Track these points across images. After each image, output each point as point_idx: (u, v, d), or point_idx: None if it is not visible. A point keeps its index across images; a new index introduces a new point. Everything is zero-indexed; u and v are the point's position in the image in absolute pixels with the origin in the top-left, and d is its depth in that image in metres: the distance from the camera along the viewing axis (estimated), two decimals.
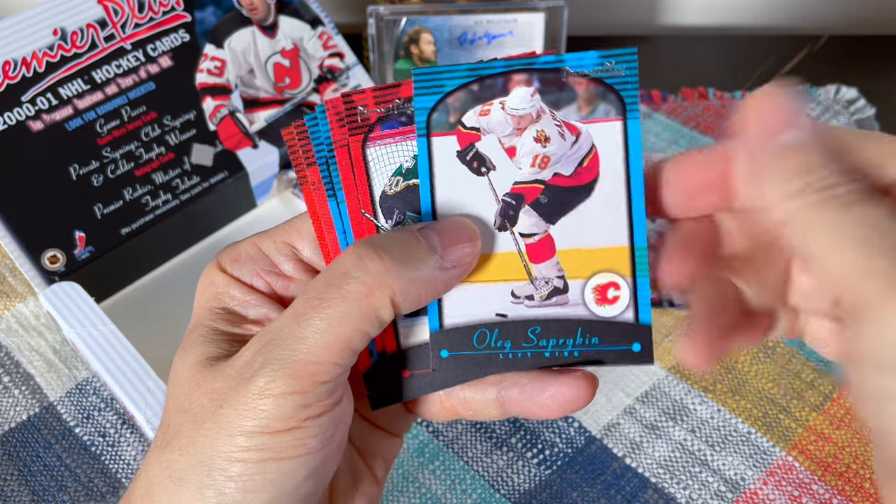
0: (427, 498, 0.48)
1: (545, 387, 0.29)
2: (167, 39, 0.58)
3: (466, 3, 0.66)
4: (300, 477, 0.27)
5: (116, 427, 0.51)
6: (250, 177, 0.59)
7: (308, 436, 0.27)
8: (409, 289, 0.27)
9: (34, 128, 0.53)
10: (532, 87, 0.29)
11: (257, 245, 0.31)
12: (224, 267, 0.31)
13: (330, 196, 0.30)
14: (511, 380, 0.30)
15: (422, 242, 0.28)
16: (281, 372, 0.26)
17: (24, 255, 0.51)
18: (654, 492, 0.48)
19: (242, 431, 0.26)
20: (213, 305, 0.30)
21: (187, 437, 0.27)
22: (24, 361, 0.55)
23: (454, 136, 0.29)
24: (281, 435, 0.26)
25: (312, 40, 0.62)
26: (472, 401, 0.31)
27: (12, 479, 0.49)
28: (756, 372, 0.53)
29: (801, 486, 0.48)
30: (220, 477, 0.26)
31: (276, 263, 0.31)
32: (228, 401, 0.27)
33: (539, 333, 0.29)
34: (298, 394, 0.26)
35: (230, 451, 0.26)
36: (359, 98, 0.29)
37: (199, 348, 0.29)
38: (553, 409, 0.29)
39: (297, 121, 0.30)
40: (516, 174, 0.29)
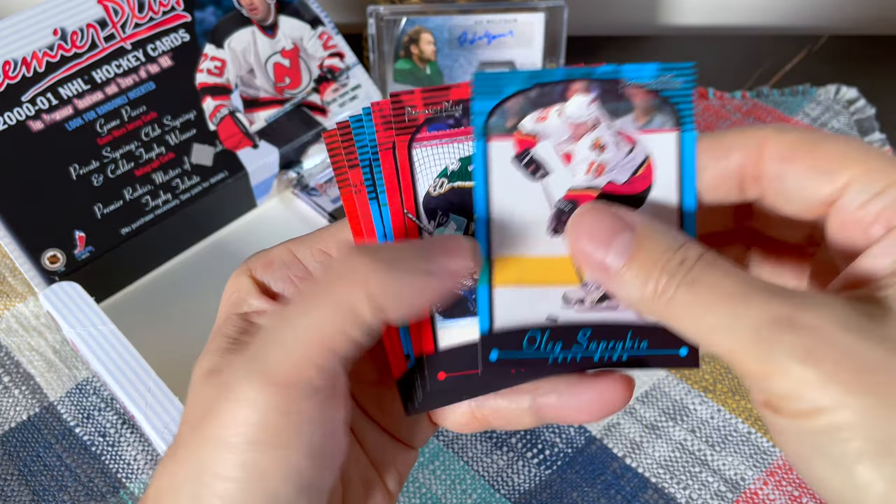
0: (427, 498, 0.48)
1: (583, 391, 0.29)
2: (167, 39, 0.58)
3: (466, 3, 0.66)
4: (290, 493, 0.26)
5: (116, 427, 0.51)
6: (250, 177, 0.59)
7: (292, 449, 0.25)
8: (390, 289, 0.26)
9: (34, 128, 0.53)
10: (591, 96, 0.29)
11: (291, 251, 0.30)
12: (254, 272, 0.30)
13: (372, 199, 0.30)
14: (548, 386, 0.30)
15: (413, 249, 0.27)
16: (257, 376, 0.25)
17: (24, 255, 0.51)
18: (654, 492, 0.48)
19: (225, 444, 0.25)
20: (233, 311, 0.30)
21: (185, 449, 0.27)
22: (24, 361, 0.55)
23: (511, 141, 0.29)
24: (263, 448, 0.25)
25: (312, 40, 0.62)
26: (504, 410, 0.30)
27: (12, 479, 0.49)
28: None
29: (801, 486, 0.48)
30: (209, 495, 0.26)
31: (311, 270, 0.30)
32: (212, 411, 0.26)
33: (589, 336, 0.29)
34: (275, 397, 0.25)
35: (215, 468, 0.26)
36: (407, 98, 0.29)
37: (210, 358, 0.28)
38: (592, 413, 0.29)
39: (341, 122, 0.30)
40: (571, 180, 0.29)
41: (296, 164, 0.62)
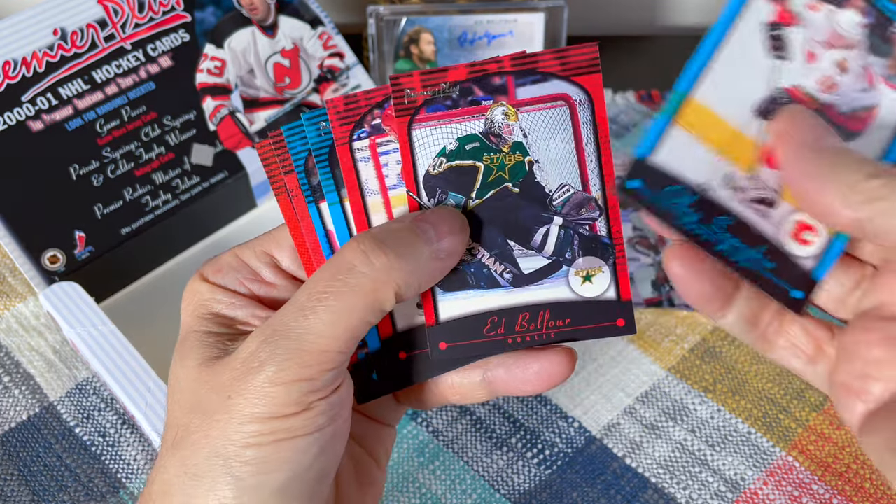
0: (427, 498, 0.48)
1: (529, 364, 0.31)
2: (167, 39, 0.58)
3: (466, 3, 0.66)
4: (312, 454, 0.28)
5: (116, 427, 0.51)
6: (250, 177, 0.59)
7: (317, 414, 0.28)
8: (411, 280, 0.28)
9: (34, 128, 0.53)
10: (863, 19, 0.28)
11: (238, 256, 0.33)
12: (207, 277, 0.32)
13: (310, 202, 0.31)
14: (496, 361, 0.32)
15: (419, 235, 0.29)
16: (290, 361, 0.27)
17: (24, 255, 0.51)
18: (654, 492, 0.48)
19: (253, 418, 0.27)
20: (201, 312, 0.32)
21: (199, 432, 0.28)
22: (24, 361, 0.55)
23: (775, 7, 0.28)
24: (291, 418, 0.27)
25: (312, 40, 0.62)
26: (458, 385, 0.33)
27: (12, 479, 0.49)
28: (756, 372, 0.53)
29: (801, 486, 0.48)
30: (236, 463, 0.27)
31: (257, 271, 0.32)
32: (237, 390, 0.28)
33: (727, 227, 0.28)
34: (306, 381, 0.27)
35: (243, 438, 0.27)
36: (406, 81, 0.30)
37: (197, 352, 0.30)
38: (539, 384, 0.31)
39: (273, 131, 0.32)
40: (801, 78, 0.28)
41: None
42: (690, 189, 0.28)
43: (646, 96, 0.72)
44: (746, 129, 0.28)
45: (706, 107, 0.28)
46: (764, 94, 0.28)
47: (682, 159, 0.28)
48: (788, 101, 0.28)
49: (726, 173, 0.28)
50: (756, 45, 0.28)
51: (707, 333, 0.55)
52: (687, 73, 0.28)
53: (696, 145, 0.28)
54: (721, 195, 0.28)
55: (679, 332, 0.55)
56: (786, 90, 0.28)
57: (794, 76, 0.28)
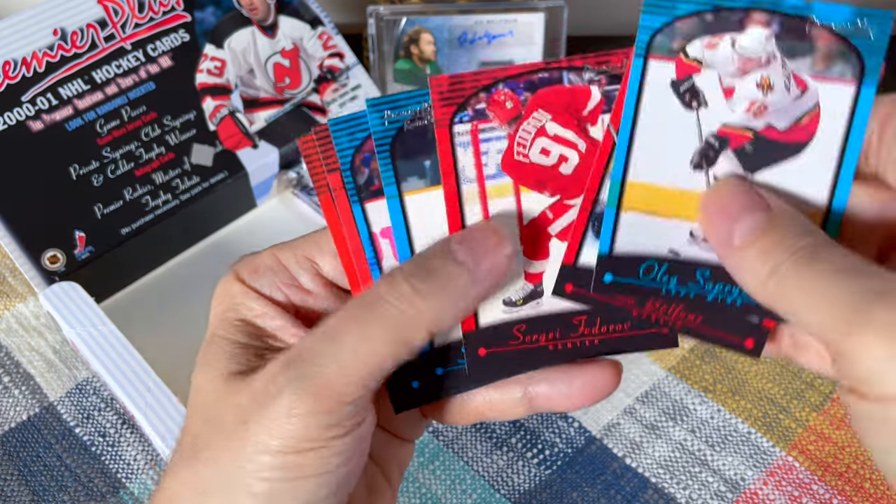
0: (427, 498, 0.48)
1: (573, 378, 0.30)
2: (167, 39, 0.58)
3: (466, 3, 0.66)
4: (323, 494, 0.27)
5: (116, 427, 0.51)
6: (250, 177, 0.59)
7: (332, 454, 0.26)
8: (445, 315, 0.27)
9: (34, 128, 0.53)
10: (769, 31, 0.27)
11: (277, 257, 0.31)
12: (242, 277, 0.31)
13: (354, 202, 0.30)
14: (539, 376, 0.30)
15: (453, 263, 0.27)
16: (307, 391, 0.26)
17: (24, 255, 0.51)
18: (654, 492, 0.48)
19: (268, 450, 0.26)
20: (231, 316, 0.30)
21: (212, 451, 0.27)
22: (24, 361, 0.55)
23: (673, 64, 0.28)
24: (305, 454, 0.26)
25: (312, 40, 0.62)
26: (497, 402, 0.31)
27: (12, 479, 0.49)
28: (756, 372, 0.53)
29: (801, 486, 0.48)
30: (243, 495, 0.26)
31: (296, 276, 0.31)
32: (254, 417, 0.26)
33: (708, 277, 0.28)
34: (324, 413, 0.26)
35: (255, 470, 0.26)
36: None
37: (221, 362, 0.29)
38: (584, 399, 0.30)
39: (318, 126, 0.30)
40: (727, 116, 0.28)
41: (296, 164, 0.62)
42: (660, 259, 0.28)
43: None
44: (692, 184, 0.28)
45: (645, 183, 0.28)
46: (697, 146, 0.28)
47: (642, 238, 0.28)
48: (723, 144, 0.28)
49: (689, 231, 0.28)
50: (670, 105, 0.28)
51: None
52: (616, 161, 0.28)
53: (648, 220, 0.28)
54: (691, 252, 0.28)
55: None
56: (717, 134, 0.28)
57: (719, 117, 0.28)
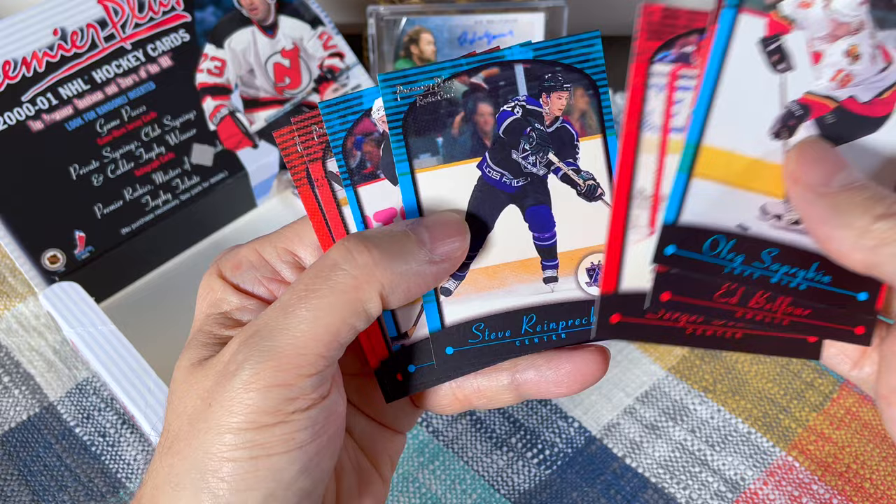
0: (427, 498, 0.48)
1: (561, 364, 0.30)
2: (167, 39, 0.58)
3: (466, 3, 0.66)
4: (293, 472, 0.27)
5: (116, 427, 0.51)
6: (250, 177, 0.59)
7: (296, 429, 0.26)
8: (398, 282, 0.27)
9: (34, 128, 0.53)
10: None
11: (258, 251, 0.31)
12: (224, 274, 0.31)
13: (346, 186, 0.29)
14: (526, 363, 0.30)
15: (411, 237, 0.28)
16: (265, 364, 0.26)
17: (24, 255, 0.51)
18: (654, 492, 0.48)
19: (230, 429, 0.26)
20: (212, 311, 0.30)
21: (184, 441, 0.27)
22: (24, 361, 0.55)
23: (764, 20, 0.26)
24: (268, 429, 0.26)
25: (312, 40, 0.62)
26: (485, 388, 0.31)
27: (12, 479, 0.49)
28: (756, 372, 0.53)
29: (801, 486, 0.48)
30: (213, 479, 0.26)
31: (278, 270, 0.31)
32: (216, 397, 0.26)
33: (775, 256, 0.27)
34: (283, 386, 0.26)
35: (220, 451, 0.26)
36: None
37: (193, 352, 0.29)
38: (571, 385, 0.30)
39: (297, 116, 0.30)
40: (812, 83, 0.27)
41: None
42: (728, 234, 0.27)
43: None
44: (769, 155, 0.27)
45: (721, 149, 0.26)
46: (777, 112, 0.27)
47: (712, 209, 0.27)
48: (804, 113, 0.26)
49: (760, 206, 0.27)
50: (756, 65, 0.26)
51: None
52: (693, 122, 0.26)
53: (721, 190, 0.27)
54: (760, 229, 0.27)
55: None
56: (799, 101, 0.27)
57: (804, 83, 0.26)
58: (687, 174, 0.26)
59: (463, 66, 0.29)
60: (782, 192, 0.27)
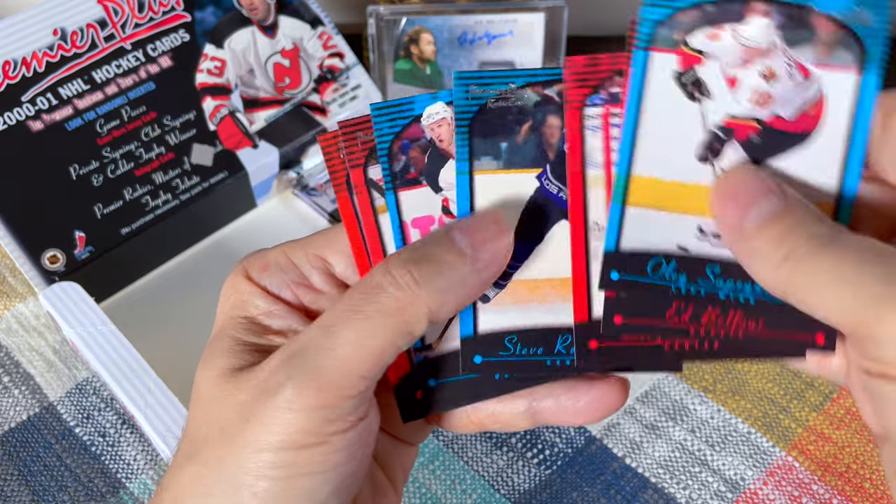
0: (427, 498, 0.48)
1: (580, 394, 0.29)
2: (167, 39, 0.58)
3: (466, 3, 0.66)
4: (326, 492, 0.27)
5: (116, 427, 0.51)
6: (250, 177, 0.59)
7: (334, 450, 0.26)
8: (444, 300, 0.27)
9: (34, 128, 0.53)
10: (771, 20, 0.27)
11: (287, 255, 0.30)
12: (251, 275, 0.30)
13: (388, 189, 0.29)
14: (544, 391, 0.30)
15: (452, 247, 0.27)
16: (308, 384, 0.26)
17: (24, 255, 0.51)
18: (653, 492, 0.48)
19: (269, 447, 0.26)
20: (237, 314, 0.30)
21: (214, 452, 0.27)
22: (24, 361, 0.55)
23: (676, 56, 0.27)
24: (308, 450, 0.26)
25: (312, 40, 0.62)
26: (500, 414, 0.30)
27: (12, 479, 0.49)
28: (756, 372, 0.53)
29: (801, 486, 0.48)
30: (247, 494, 0.26)
31: (307, 276, 0.30)
32: (255, 414, 0.26)
33: (718, 273, 0.28)
34: (325, 408, 0.26)
35: (257, 468, 0.26)
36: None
37: (222, 359, 0.28)
38: (590, 416, 0.30)
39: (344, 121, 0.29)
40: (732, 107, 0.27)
41: (296, 164, 0.62)
42: (667, 256, 0.28)
43: None
44: (699, 178, 0.28)
45: (650, 177, 0.28)
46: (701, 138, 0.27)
47: (649, 234, 0.28)
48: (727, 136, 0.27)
49: (697, 226, 0.28)
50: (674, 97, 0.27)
51: None
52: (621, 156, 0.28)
53: (655, 216, 0.28)
54: (700, 248, 0.28)
55: None
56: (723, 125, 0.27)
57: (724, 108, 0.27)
58: (621, 204, 0.28)
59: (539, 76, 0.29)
60: None
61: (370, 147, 0.30)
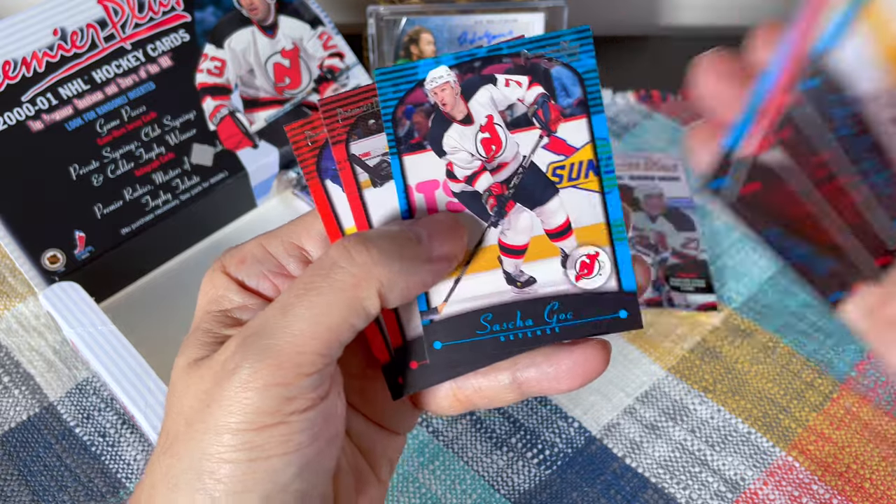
0: (427, 498, 0.48)
1: (561, 360, 0.30)
2: (167, 39, 0.58)
3: (466, 3, 0.66)
4: (290, 474, 0.26)
5: (116, 427, 0.51)
6: (250, 177, 0.59)
7: (295, 431, 0.26)
8: (396, 280, 0.27)
9: (34, 128, 0.53)
10: None
11: (263, 246, 0.31)
12: (228, 269, 0.30)
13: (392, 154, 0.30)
14: (525, 360, 0.30)
15: (410, 235, 0.28)
16: (264, 363, 0.26)
17: (24, 255, 0.51)
18: (653, 492, 0.48)
19: (228, 429, 0.26)
20: (212, 308, 0.30)
21: (181, 441, 0.27)
22: (24, 361, 0.55)
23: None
24: (267, 430, 0.26)
25: (312, 40, 0.62)
26: (486, 388, 0.31)
27: (12, 479, 0.49)
28: (756, 372, 0.53)
29: (801, 486, 0.48)
30: (210, 480, 0.26)
31: (284, 265, 0.30)
32: (214, 397, 0.26)
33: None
34: (282, 385, 0.26)
35: (218, 452, 0.26)
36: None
37: (191, 351, 0.29)
38: (573, 380, 0.30)
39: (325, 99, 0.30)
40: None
41: (296, 165, 0.62)
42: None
43: (645, 96, 0.72)
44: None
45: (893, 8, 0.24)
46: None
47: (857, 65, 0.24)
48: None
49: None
50: None
51: (707, 333, 0.55)
52: None
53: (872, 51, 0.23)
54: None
55: (679, 332, 0.55)
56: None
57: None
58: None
59: None
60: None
61: (350, 124, 0.30)
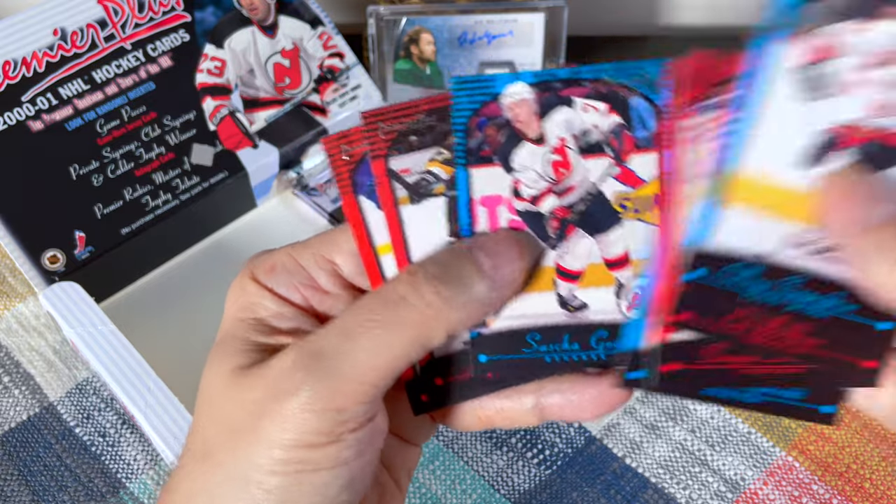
0: (427, 498, 0.48)
1: (586, 389, 0.30)
2: (167, 39, 0.58)
3: (466, 3, 0.66)
4: (336, 487, 0.27)
5: (116, 427, 0.51)
6: (250, 177, 0.59)
7: (344, 447, 0.27)
8: (464, 316, 0.27)
9: (34, 128, 0.53)
10: None
11: (293, 257, 0.30)
12: (257, 277, 0.30)
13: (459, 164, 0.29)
14: (551, 386, 0.30)
15: (473, 266, 0.28)
16: (325, 387, 0.26)
17: (24, 255, 0.51)
18: (653, 492, 0.48)
19: (281, 444, 0.26)
20: (245, 316, 0.30)
21: (225, 450, 0.27)
22: (24, 361, 0.55)
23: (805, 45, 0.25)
24: (319, 448, 0.26)
25: (312, 40, 0.62)
26: (508, 410, 0.31)
27: (12, 479, 0.49)
28: None
29: (801, 486, 0.48)
30: (257, 490, 0.26)
31: (314, 277, 0.30)
32: (268, 412, 0.26)
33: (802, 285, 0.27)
34: (339, 410, 0.26)
35: (267, 464, 0.26)
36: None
37: (232, 359, 0.29)
38: (596, 410, 0.30)
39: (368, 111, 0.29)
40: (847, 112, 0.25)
41: (296, 164, 0.62)
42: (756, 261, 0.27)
43: None
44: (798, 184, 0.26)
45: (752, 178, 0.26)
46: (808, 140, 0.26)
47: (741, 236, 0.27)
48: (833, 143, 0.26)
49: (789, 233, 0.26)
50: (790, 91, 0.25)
51: None
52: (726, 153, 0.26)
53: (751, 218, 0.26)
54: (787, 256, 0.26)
55: None
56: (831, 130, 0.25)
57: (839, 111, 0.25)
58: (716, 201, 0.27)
59: None
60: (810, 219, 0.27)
61: (392, 138, 0.29)
